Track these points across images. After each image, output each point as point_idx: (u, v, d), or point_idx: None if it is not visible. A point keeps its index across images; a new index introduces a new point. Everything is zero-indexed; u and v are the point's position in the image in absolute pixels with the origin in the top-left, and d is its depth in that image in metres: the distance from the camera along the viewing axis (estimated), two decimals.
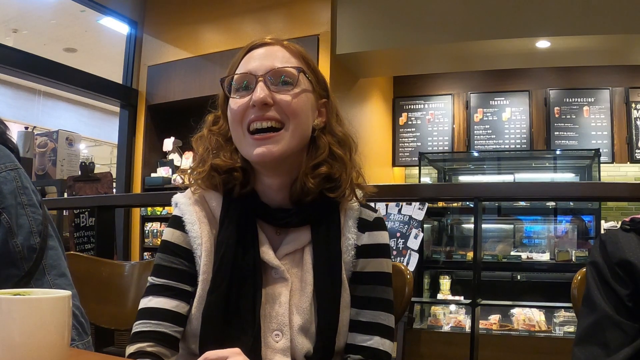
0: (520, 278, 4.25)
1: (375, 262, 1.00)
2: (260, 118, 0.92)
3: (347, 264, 0.98)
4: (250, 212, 0.97)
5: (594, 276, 0.92)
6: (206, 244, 0.95)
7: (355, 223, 1.01)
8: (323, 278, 0.95)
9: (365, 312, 0.98)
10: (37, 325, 0.67)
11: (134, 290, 1.44)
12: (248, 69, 0.95)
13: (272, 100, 0.92)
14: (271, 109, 0.92)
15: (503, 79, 5.42)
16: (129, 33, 5.18)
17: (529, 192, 2.08)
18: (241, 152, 0.96)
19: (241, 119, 0.94)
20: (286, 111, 0.92)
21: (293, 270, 0.96)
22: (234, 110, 0.94)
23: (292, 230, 0.98)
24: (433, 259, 4.08)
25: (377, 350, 0.96)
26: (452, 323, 3.42)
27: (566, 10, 3.82)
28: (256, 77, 0.93)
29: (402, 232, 3.34)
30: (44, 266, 1.29)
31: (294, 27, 4.41)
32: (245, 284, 0.92)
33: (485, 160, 5.49)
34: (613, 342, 0.86)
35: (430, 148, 5.58)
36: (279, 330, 0.92)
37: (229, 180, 0.97)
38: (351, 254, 0.98)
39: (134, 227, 5.00)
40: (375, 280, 0.99)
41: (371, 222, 1.02)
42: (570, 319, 3.15)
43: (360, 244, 1.00)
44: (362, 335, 0.97)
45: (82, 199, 3.33)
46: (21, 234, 1.26)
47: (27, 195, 1.30)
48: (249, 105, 0.93)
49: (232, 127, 0.96)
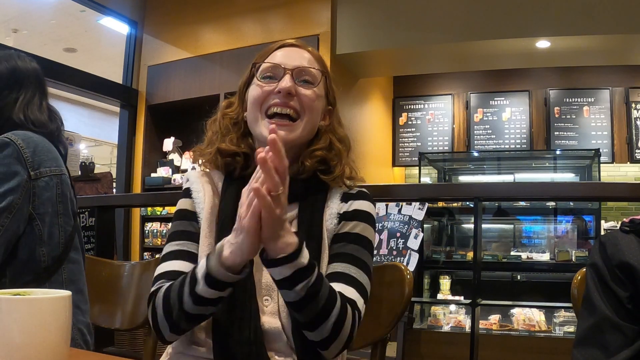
0: (520, 278, 4.25)
1: (351, 224, 1.06)
2: (283, 104, 1.04)
3: (329, 232, 1.04)
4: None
5: (593, 278, 0.92)
6: (207, 208, 1.05)
7: (340, 196, 1.09)
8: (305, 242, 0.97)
9: (335, 265, 1.01)
10: (37, 325, 0.67)
11: (134, 290, 1.44)
12: (278, 61, 1.06)
13: (295, 92, 1.04)
14: (293, 99, 1.04)
15: (503, 79, 5.42)
16: (129, 33, 5.18)
17: (529, 192, 2.08)
18: (254, 132, 1.08)
19: (261, 103, 1.05)
20: (305, 105, 1.05)
21: None
22: (257, 93, 1.06)
23: None
24: (433, 259, 4.08)
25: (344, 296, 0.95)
26: (452, 323, 3.42)
27: (566, 10, 3.82)
28: (285, 69, 1.05)
29: (402, 232, 3.34)
30: (64, 280, 1.28)
31: (294, 27, 4.41)
32: None
33: (485, 160, 5.50)
34: (612, 344, 0.86)
35: (430, 148, 5.58)
36: (268, 295, 0.99)
37: (231, 163, 1.08)
38: (334, 222, 1.05)
39: (134, 227, 5.00)
40: (348, 239, 1.04)
41: (354, 193, 1.11)
42: (570, 319, 3.15)
43: (342, 211, 1.07)
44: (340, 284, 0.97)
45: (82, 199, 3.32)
46: (50, 243, 1.24)
47: (64, 204, 1.29)
48: (272, 92, 1.04)
49: (251, 108, 1.07)
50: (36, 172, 1.23)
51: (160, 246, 4.78)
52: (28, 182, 1.21)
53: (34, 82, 1.39)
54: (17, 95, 1.33)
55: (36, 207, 1.23)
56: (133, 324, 1.40)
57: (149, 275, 1.40)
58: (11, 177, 1.20)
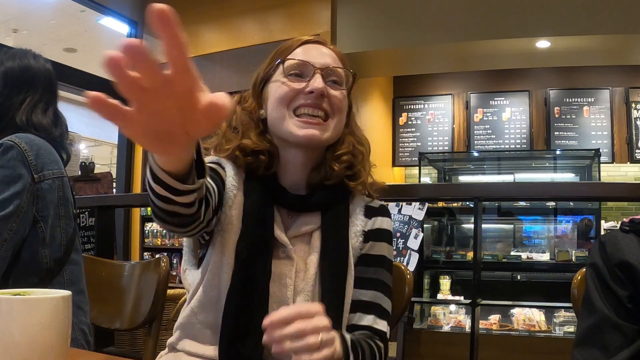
0: (520, 278, 4.25)
1: (379, 246, 1.05)
2: (315, 106, 0.98)
3: (355, 250, 1.02)
4: (268, 192, 1.00)
5: (593, 278, 0.92)
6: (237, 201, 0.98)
7: (363, 210, 1.06)
8: (330, 261, 0.98)
9: (366, 292, 1.01)
10: (37, 325, 0.67)
11: (134, 290, 1.44)
12: (306, 59, 1.00)
13: (327, 93, 0.99)
14: (325, 100, 0.99)
15: (503, 79, 5.42)
16: (129, 33, 5.18)
17: (529, 192, 2.08)
18: (279, 131, 1.00)
19: (289, 102, 0.99)
20: (334, 106, 1.00)
21: (299, 252, 1.00)
22: (283, 92, 0.99)
23: (304, 215, 1.02)
24: (433, 259, 4.08)
25: (375, 329, 0.99)
26: (452, 323, 3.42)
27: (566, 10, 3.81)
28: (314, 68, 0.99)
29: (402, 232, 3.34)
30: (65, 281, 1.28)
31: (294, 27, 4.41)
32: (260, 257, 0.95)
33: (485, 160, 5.49)
34: (612, 344, 0.85)
35: (430, 148, 5.58)
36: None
37: (254, 162, 1.00)
38: (359, 239, 1.03)
39: (134, 227, 5.00)
40: (377, 263, 1.04)
41: (377, 208, 1.09)
42: (570, 319, 3.15)
43: (367, 229, 1.05)
44: (361, 315, 1.00)
45: (82, 199, 3.33)
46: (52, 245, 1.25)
47: (66, 207, 1.29)
48: (301, 91, 0.99)
49: (275, 106, 1.00)
50: (39, 175, 1.24)
51: (161, 246, 4.78)
52: (32, 185, 1.22)
53: (44, 84, 1.38)
54: (24, 96, 1.32)
55: (39, 209, 1.23)
56: (133, 324, 1.40)
57: (149, 275, 1.40)
58: (16, 180, 1.20)
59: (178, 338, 1.01)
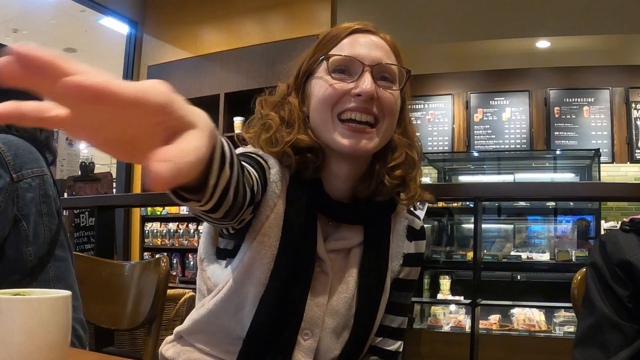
0: (520, 278, 4.25)
1: (414, 271, 1.00)
2: (363, 110, 0.86)
3: (393, 272, 0.97)
4: (313, 200, 0.90)
5: (593, 277, 0.92)
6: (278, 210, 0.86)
7: (405, 231, 0.98)
8: (368, 283, 0.92)
9: (397, 319, 0.99)
10: (37, 325, 0.67)
11: (134, 290, 1.44)
12: (354, 53, 0.87)
13: (376, 94, 0.86)
14: (374, 104, 0.87)
15: (503, 79, 5.42)
16: (129, 33, 5.18)
17: (529, 192, 2.08)
18: (322, 136, 0.88)
19: (334, 104, 0.87)
20: (385, 109, 0.88)
21: (335, 268, 0.92)
22: (327, 93, 0.87)
23: (345, 227, 0.94)
24: (433, 259, 4.08)
25: (392, 352, 0.99)
26: (452, 323, 3.42)
27: (566, 10, 3.82)
28: (364, 65, 0.86)
29: None
30: (50, 278, 1.28)
31: (294, 27, 4.41)
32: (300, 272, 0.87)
33: (485, 160, 5.49)
34: (612, 344, 0.85)
35: (430, 148, 5.57)
36: (310, 329, 0.89)
37: (304, 162, 0.88)
38: (399, 262, 0.97)
39: (134, 227, 5.00)
40: (409, 288, 1.00)
41: (419, 231, 1.01)
42: (570, 319, 3.15)
43: (406, 252, 0.98)
44: (390, 340, 0.99)
45: (82, 199, 3.33)
46: (36, 243, 1.25)
47: (48, 205, 1.29)
48: (347, 92, 0.86)
49: (319, 108, 0.88)
50: (18, 174, 1.24)
51: (161, 246, 4.78)
52: (11, 184, 1.22)
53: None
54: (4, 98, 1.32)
55: (20, 208, 1.23)
56: (133, 324, 1.40)
57: (149, 275, 1.40)
58: None
59: (189, 330, 0.95)
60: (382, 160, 0.91)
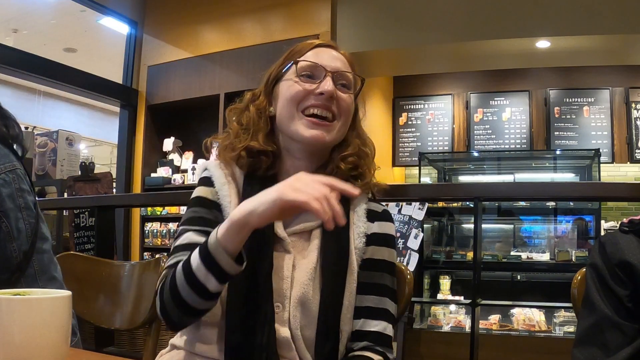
0: (520, 278, 4.25)
1: (383, 251, 1.06)
2: (323, 107, 1.03)
3: (358, 250, 1.03)
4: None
5: (593, 278, 0.92)
6: (233, 206, 1.01)
7: (365, 213, 1.07)
8: (330, 257, 1.00)
9: (371, 298, 1.02)
10: (37, 325, 0.67)
11: (134, 290, 1.44)
12: (319, 61, 1.05)
13: (336, 95, 1.03)
14: (333, 103, 1.04)
15: (503, 79, 5.42)
16: (129, 33, 5.19)
17: (529, 192, 2.08)
18: (287, 129, 1.04)
19: (300, 101, 1.03)
20: (342, 109, 1.05)
21: (298, 247, 1.02)
22: (295, 91, 1.04)
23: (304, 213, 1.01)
24: (433, 259, 4.08)
25: (383, 335, 1.01)
26: (452, 323, 3.42)
27: (566, 10, 3.82)
28: (326, 70, 1.04)
29: (402, 232, 3.34)
30: (36, 271, 1.28)
31: (294, 27, 4.41)
32: (261, 253, 0.97)
33: (485, 160, 5.49)
34: (612, 343, 0.86)
35: (430, 148, 5.58)
36: (280, 302, 0.96)
37: (257, 162, 1.05)
38: (362, 240, 1.04)
39: (134, 227, 5.00)
40: (382, 268, 1.05)
41: (380, 212, 1.10)
42: (570, 319, 3.15)
43: (369, 232, 1.06)
44: (369, 320, 1.01)
45: (82, 199, 3.33)
46: (19, 238, 1.25)
47: (24, 198, 1.29)
48: (312, 92, 1.03)
49: (286, 105, 1.04)
50: None
51: (161, 246, 4.78)
52: None
53: None
54: None
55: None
56: (133, 324, 1.40)
57: (149, 275, 1.40)
58: None
59: (181, 337, 1.02)
60: (338, 152, 1.07)
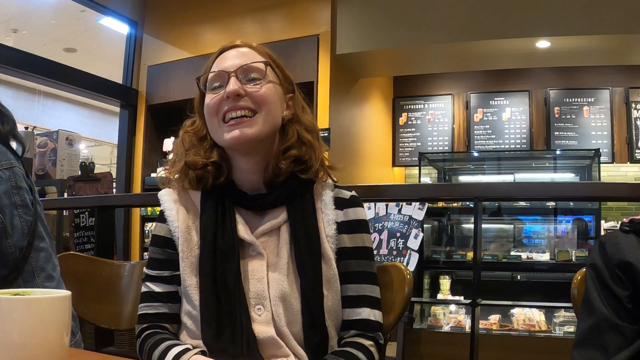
0: (520, 278, 4.25)
1: (356, 237, 1.06)
2: (234, 108, 1.01)
3: (331, 238, 1.03)
4: (227, 200, 1.05)
5: (593, 278, 0.92)
6: (182, 227, 1.04)
7: (332, 201, 1.07)
8: (303, 251, 1.00)
9: (351, 287, 1.03)
10: (37, 325, 0.67)
11: (134, 290, 1.44)
12: (220, 67, 1.05)
13: (244, 91, 1.02)
14: (243, 99, 1.02)
15: (503, 79, 5.42)
16: (129, 33, 5.18)
17: (529, 192, 2.08)
18: (217, 140, 1.05)
19: (216, 111, 1.03)
20: (257, 100, 1.02)
21: (270, 247, 1.03)
22: (209, 104, 1.04)
23: (269, 212, 1.05)
24: (433, 259, 4.08)
25: (369, 321, 1.02)
26: (452, 323, 3.42)
27: (566, 10, 3.81)
28: (228, 73, 1.03)
29: (402, 232, 3.34)
30: (34, 269, 1.28)
31: (294, 27, 4.41)
32: (228, 262, 0.99)
33: (485, 160, 5.49)
34: (611, 345, 0.85)
35: (430, 148, 5.58)
36: (260, 304, 0.98)
37: (202, 175, 1.05)
38: (333, 228, 1.04)
39: (134, 227, 5.00)
40: (357, 254, 1.05)
41: (348, 199, 1.09)
42: (570, 319, 3.16)
43: (339, 220, 1.06)
44: (353, 309, 1.02)
45: (82, 199, 3.33)
46: (15, 234, 1.25)
47: (21, 196, 1.29)
48: (223, 98, 1.02)
49: (209, 120, 1.05)
50: None
51: None
52: None
53: None
54: None
55: None
56: (133, 324, 1.39)
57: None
58: None
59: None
60: (278, 145, 1.05)
